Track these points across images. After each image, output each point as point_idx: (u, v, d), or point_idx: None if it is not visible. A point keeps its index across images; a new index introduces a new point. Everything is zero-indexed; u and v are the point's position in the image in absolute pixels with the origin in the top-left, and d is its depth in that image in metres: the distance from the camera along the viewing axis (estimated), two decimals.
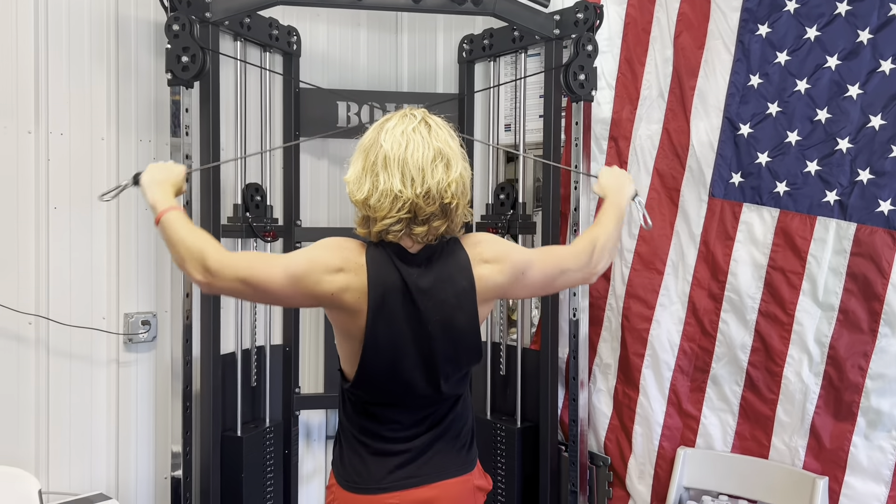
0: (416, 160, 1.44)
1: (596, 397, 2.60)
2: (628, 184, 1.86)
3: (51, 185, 2.28)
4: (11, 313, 2.20)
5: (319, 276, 1.45)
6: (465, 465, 1.58)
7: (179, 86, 2.24)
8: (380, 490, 1.52)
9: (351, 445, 1.57)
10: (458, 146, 1.52)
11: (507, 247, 1.57)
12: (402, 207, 1.44)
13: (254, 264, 1.47)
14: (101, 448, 2.40)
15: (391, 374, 1.51)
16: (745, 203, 2.27)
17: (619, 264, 2.54)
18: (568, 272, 1.61)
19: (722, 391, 2.32)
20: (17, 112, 2.21)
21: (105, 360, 2.40)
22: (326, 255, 1.48)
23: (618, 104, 2.56)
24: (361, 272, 1.47)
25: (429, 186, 1.44)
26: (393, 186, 1.43)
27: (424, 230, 1.47)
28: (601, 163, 2.60)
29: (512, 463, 2.64)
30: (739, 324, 2.27)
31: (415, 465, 1.53)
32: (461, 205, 1.50)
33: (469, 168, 1.54)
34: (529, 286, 1.58)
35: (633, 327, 2.48)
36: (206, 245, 1.49)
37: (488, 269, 1.52)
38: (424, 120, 1.50)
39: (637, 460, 2.49)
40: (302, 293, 1.47)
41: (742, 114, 2.27)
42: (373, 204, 1.45)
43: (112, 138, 2.40)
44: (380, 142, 1.47)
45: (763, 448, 2.24)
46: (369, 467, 1.53)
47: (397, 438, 1.54)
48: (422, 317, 1.48)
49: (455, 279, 1.50)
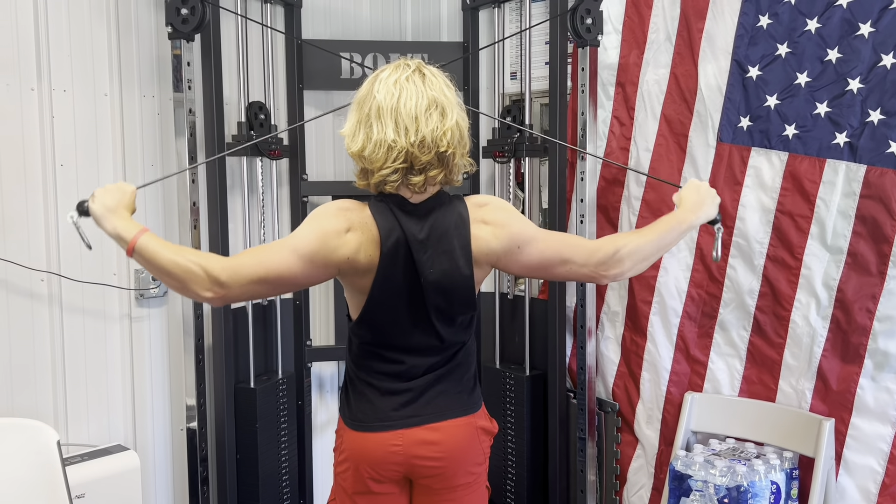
0: (409, 109, 1.43)
1: (604, 345, 2.62)
2: (711, 205, 1.73)
3: (56, 142, 2.28)
4: (24, 271, 2.23)
5: (333, 243, 1.46)
6: (469, 407, 1.61)
7: (180, 39, 2.23)
8: (384, 427, 1.56)
9: (356, 387, 1.60)
10: (455, 96, 1.51)
11: (511, 215, 1.57)
12: (398, 157, 1.44)
13: (263, 260, 1.44)
14: (117, 401, 2.45)
15: (392, 322, 1.54)
16: (753, 147, 2.24)
17: (626, 212, 2.53)
18: (570, 264, 1.57)
19: (729, 336, 2.33)
20: (19, 69, 2.20)
21: (118, 315, 2.43)
22: (331, 222, 1.48)
23: (625, 49, 2.52)
24: (367, 228, 1.48)
25: (423, 135, 1.43)
26: (386, 136, 1.43)
27: (421, 179, 1.47)
28: (608, 110, 2.57)
29: (521, 410, 2.67)
30: (747, 269, 2.26)
31: (417, 404, 1.57)
32: (458, 154, 1.50)
33: (466, 118, 1.53)
34: (524, 263, 1.57)
35: (640, 275, 2.48)
36: (204, 259, 1.43)
37: (485, 231, 1.53)
38: (419, 69, 1.49)
39: (645, 406, 2.51)
40: (321, 268, 1.47)
41: (751, 56, 2.23)
42: (367, 155, 1.45)
43: (115, 94, 2.39)
44: (373, 93, 1.46)
45: (770, 392, 2.25)
46: (375, 405, 1.57)
47: (401, 377, 1.58)
48: (418, 268, 1.49)
49: (451, 234, 1.51)
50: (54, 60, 2.27)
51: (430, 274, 1.50)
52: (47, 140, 2.26)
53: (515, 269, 1.60)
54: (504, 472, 2.73)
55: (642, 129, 2.48)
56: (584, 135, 2.41)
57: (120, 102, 2.40)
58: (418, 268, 1.49)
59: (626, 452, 2.59)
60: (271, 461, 2.61)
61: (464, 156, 1.53)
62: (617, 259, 1.56)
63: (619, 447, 2.61)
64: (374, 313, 1.54)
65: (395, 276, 1.50)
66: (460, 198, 1.56)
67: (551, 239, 1.59)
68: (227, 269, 1.42)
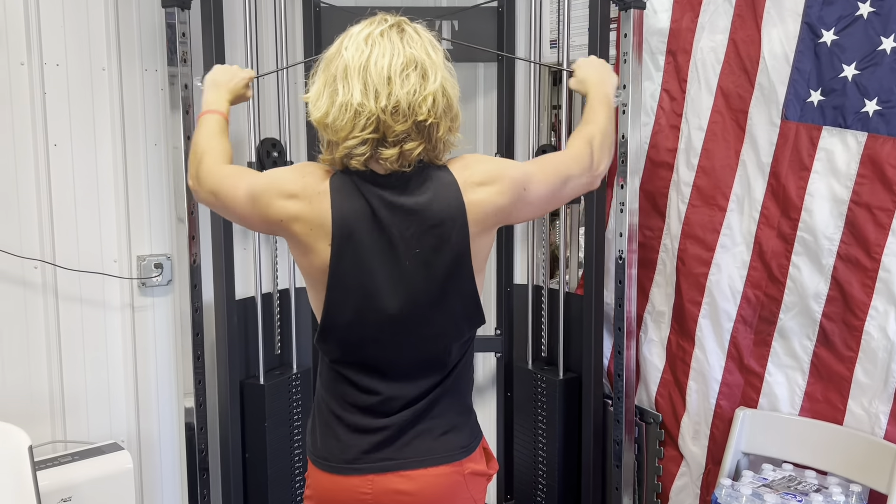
0: (380, 68, 1.20)
1: (647, 348, 2.33)
2: (610, 74, 1.69)
3: (49, 120, 2.13)
4: (15, 258, 2.10)
5: (272, 198, 1.28)
6: (455, 452, 1.35)
7: (173, 7, 2.03)
8: (353, 471, 1.33)
9: (323, 418, 1.38)
10: (443, 59, 1.26)
11: (499, 164, 1.33)
12: (367, 125, 1.20)
13: (226, 179, 1.38)
14: (119, 396, 2.31)
15: (360, 326, 1.29)
16: (824, 126, 1.90)
17: (675, 199, 2.22)
18: (572, 179, 1.42)
19: (790, 346, 2.01)
20: (6, 42, 2.05)
21: (119, 304, 2.29)
22: (286, 178, 1.30)
23: (677, 11, 2.20)
24: (318, 201, 1.25)
25: (398, 99, 1.19)
26: (352, 99, 1.20)
27: (394, 153, 1.22)
28: (657, 82, 2.25)
29: (553, 417, 2.42)
30: (813, 269, 1.94)
31: (393, 447, 1.32)
32: (443, 126, 1.25)
33: (457, 85, 1.28)
34: (535, 203, 1.35)
35: (689, 271, 2.18)
36: (209, 153, 1.45)
37: (485, 192, 1.27)
38: (399, 24, 1.25)
39: (691, 419, 2.22)
40: (258, 215, 1.31)
41: (825, 17, 1.88)
42: (331, 123, 1.23)
43: (114, 68, 2.22)
44: (341, 50, 1.23)
45: (837, 412, 1.93)
46: (343, 443, 1.34)
47: (374, 412, 1.33)
48: (397, 251, 1.24)
49: (439, 204, 1.25)
50: (45, 32, 2.11)
51: (416, 254, 1.25)
52: (38, 118, 2.11)
53: (528, 213, 1.39)
54: (535, 482, 2.50)
55: (695, 105, 2.16)
56: (624, 112, 2.10)
57: (119, 77, 2.23)
58: (398, 251, 1.25)
59: (670, 469, 2.31)
60: (282, 461, 2.44)
61: (452, 130, 1.28)
62: (598, 153, 1.50)
63: (662, 462, 2.33)
64: (336, 317, 1.29)
65: (360, 263, 1.25)
66: (443, 165, 1.31)
67: (545, 165, 1.43)
68: (208, 169, 1.42)
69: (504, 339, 2.66)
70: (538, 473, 2.49)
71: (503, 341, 2.66)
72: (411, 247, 1.25)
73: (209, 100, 1.59)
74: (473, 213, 1.26)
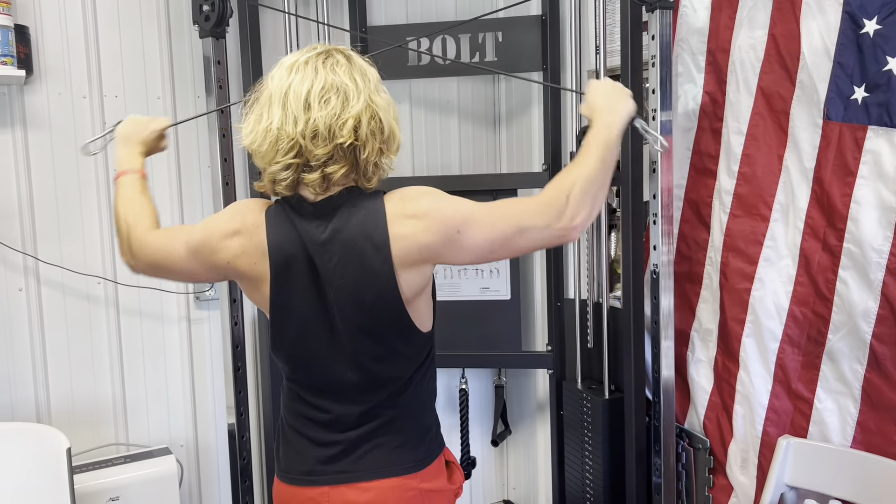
0: (298, 94, 1.21)
1: (694, 369, 2.18)
2: (624, 100, 1.43)
3: (109, 149, 2.30)
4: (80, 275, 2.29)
5: (214, 242, 1.30)
6: (408, 466, 1.34)
7: (209, 38, 2.15)
8: (310, 482, 1.35)
9: (285, 433, 1.42)
10: (373, 85, 1.25)
11: (439, 201, 1.27)
12: (289, 151, 1.22)
13: (161, 246, 1.36)
14: (177, 403, 2.46)
15: (302, 350, 1.32)
16: (870, 126, 1.71)
17: (717, 209, 2.07)
18: (530, 230, 1.25)
19: (840, 369, 1.81)
20: (69, 78, 2.25)
21: (176, 317, 2.44)
22: (223, 219, 1.32)
23: (714, 7, 2.05)
24: (256, 233, 1.28)
25: (315, 123, 1.20)
26: (272, 125, 1.21)
27: (317, 178, 1.23)
28: (699, 85, 2.11)
29: (598, 439, 2.32)
30: (861, 284, 1.74)
31: (349, 459, 1.34)
32: (370, 148, 1.24)
33: (390, 107, 1.27)
34: (471, 249, 1.26)
35: (732, 287, 2.02)
36: (136, 225, 1.39)
37: (411, 227, 1.24)
38: (328, 52, 1.25)
39: (739, 446, 2.05)
40: (203, 265, 1.33)
41: (867, 4, 1.69)
42: (256, 149, 1.25)
43: (168, 97, 2.38)
44: (267, 80, 1.26)
45: (892, 445, 1.72)
46: (303, 455, 1.37)
47: (330, 427, 1.35)
48: (321, 282, 1.26)
49: (362, 236, 1.24)
50: (105, 66, 2.29)
51: (340, 285, 1.26)
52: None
53: (464, 257, 1.27)
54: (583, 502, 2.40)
55: (734, 107, 2.00)
56: (654, 117, 1.99)
57: (173, 105, 2.39)
58: (322, 280, 1.26)
59: (720, 499, 2.14)
60: None
61: (385, 153, 1.27)
62: (575, 205, 1.25)
63: (712, 492, 2.16)
64: (283, 340, 1.34)
65: (295, 291, 1.28)
66: (379, 193, 1.29)
67: (496, 211, 1.27)
68: (140, 242, 1.37)
69: (555, 355, 2.58)
70: (586, 494, 2.39)
71: (554, 358, 2.58)
72: (335, 276, 1.26)
73: (121, 158, 1.51)
74: (397, 246, 1.24)
